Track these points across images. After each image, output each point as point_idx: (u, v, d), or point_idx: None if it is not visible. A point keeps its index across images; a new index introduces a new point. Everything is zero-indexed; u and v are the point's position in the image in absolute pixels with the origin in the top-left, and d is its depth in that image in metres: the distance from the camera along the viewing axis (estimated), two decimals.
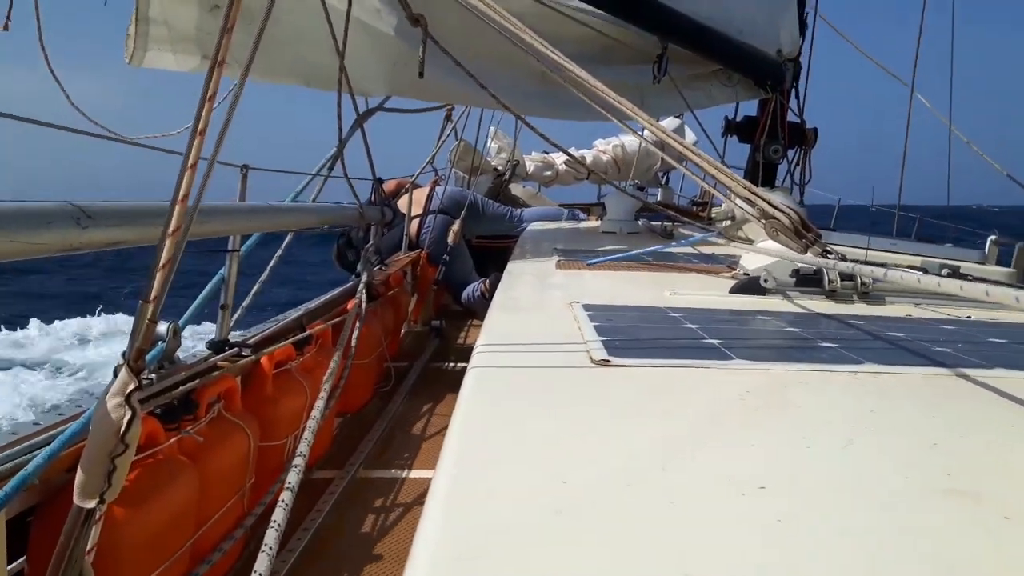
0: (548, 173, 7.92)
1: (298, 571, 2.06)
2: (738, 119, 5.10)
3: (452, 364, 4.24)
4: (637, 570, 0.60)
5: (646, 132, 2.23)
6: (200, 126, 1.16)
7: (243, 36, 1.43)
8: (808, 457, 0.85)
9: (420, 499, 2.48)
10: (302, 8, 2.92)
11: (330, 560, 2.14)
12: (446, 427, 1.02)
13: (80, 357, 13.27)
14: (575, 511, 0.71)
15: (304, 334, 2.72)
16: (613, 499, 0.74)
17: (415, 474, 2.78)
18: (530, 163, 7.80)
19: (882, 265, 3.08)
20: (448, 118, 6.15)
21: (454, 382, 1.26)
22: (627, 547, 0.64)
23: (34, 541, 1.42)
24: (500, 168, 7.33)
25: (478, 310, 5.15)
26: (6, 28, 2.83)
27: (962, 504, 0.73)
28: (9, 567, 1.33)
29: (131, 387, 1.08)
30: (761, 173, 4.77)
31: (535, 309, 2.08)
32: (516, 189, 7.77)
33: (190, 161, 1.17)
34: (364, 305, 3.14)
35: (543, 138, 2.99)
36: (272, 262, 2.97)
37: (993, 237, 4.23)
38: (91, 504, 1.08)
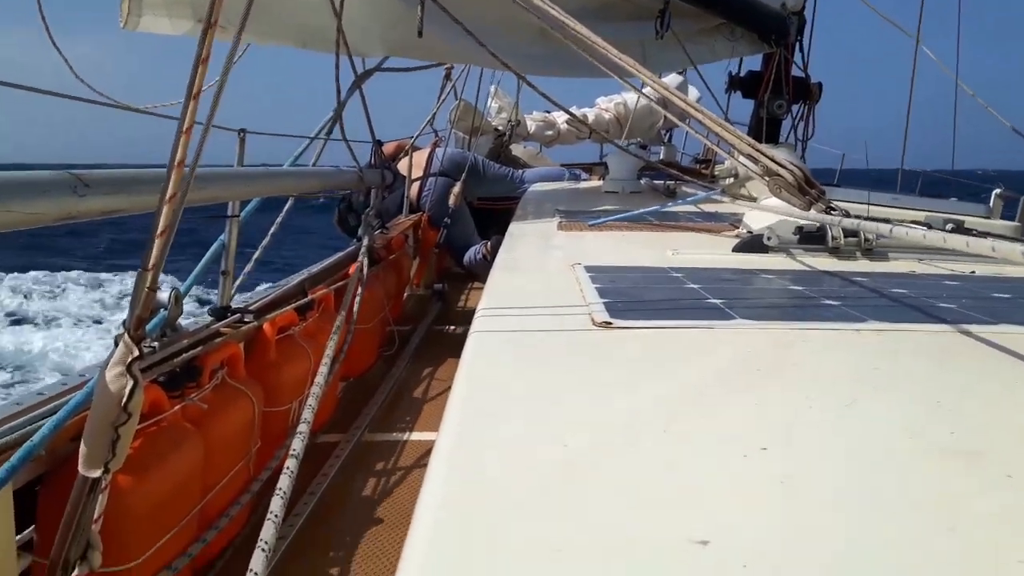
0: (550, 133, 7.84)
1: (305, 535, 2.08)
2: (742, 74, 5.03)
3: (455, 327, 4.25)
4: (638, 532, 0.60)
5: (648, 90, 2.20)
6: (194, 90, 1.13)
7: (236, 2, 1.40)
8: (811, 417, 0.84)
9: (425, 461, 2.50)
10: None
11: (336, 524, 2.16)
12: (449, 389, 1.02)
13: None
14: (576, 473, 0.71)
15: (306, 299, 2.71)
16: (614, 462, 0.73)
17: (419, 436, 2.80)
18: (531, 123, 7.72)
19: (886, 221, 3.07)
20: (447, 77, 6.07)
21: (457, 345, 1.26)
22: (628, 509, 0.64)
23: (42, 510, 1.43)
24: (501, 128, 7.25)
25: (480, 273, 5.14)
26: None
27: (965, 463, 0.72)
28: (18, 537, 1.34)
29: (132, 356, 1.08)
30: (765, 129, 4.71)
31: (537, 271, 2.07)
32: (517, 149, 7.70)
33: (185, 125, 1.15)
34: (366, 269, 3.13)
35: (544, 97, 2.96)
36: (273, 228, 2.95)
37: (998, 191, 4.19)
38: (96, 474, 1.08)
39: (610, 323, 1.23)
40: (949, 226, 3.05)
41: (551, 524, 0.62)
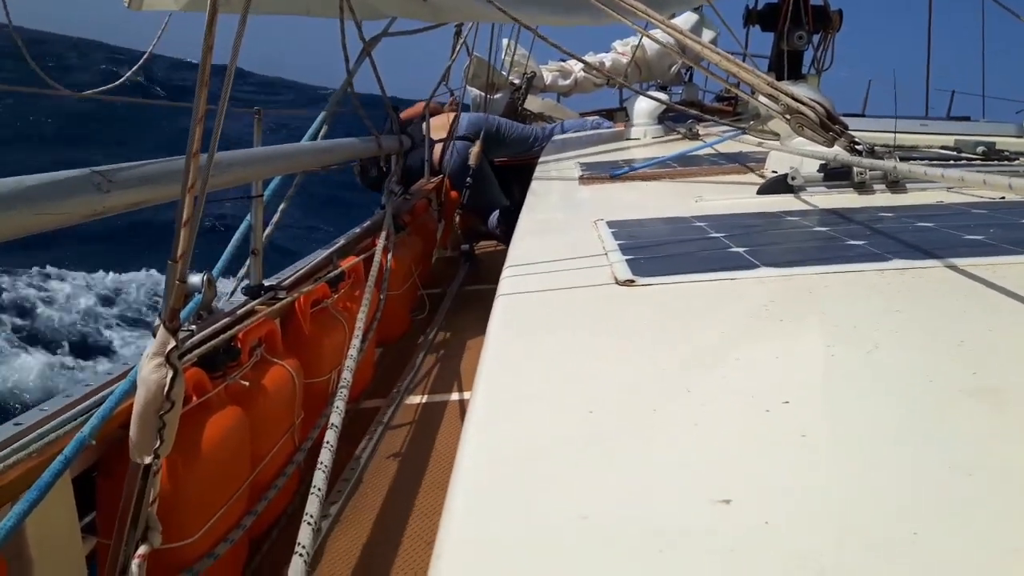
0: (566, 82, 7.72)
1: (353, 502, 2.14)
2: (759, 7, 4.91)
3: (485, 286, 4.27)
4: (660, 495, 0.62)
5: (662, 35, 2.16)
6: (204, 77, 1.15)
7: None
8: (832, 366, 0.85)
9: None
10: None
11: (383, 487, 2.22)
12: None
13: None
14: (601, 439, 0.72)
15: (337, 271, 2.75)
16: (638, 424, 0.75)
17: (457, 396, 2.85)
18: (547, 73, 7.60)
19: (912, 149, 3.00)
20: (458, 34, 5.99)
21: (488, 304, 1.28)
22: (651, 472, 0.66)
23: (101, 496, 1.50)
24: (517, 82, 7.15)
25: (501, 240, 5.15)
26: None
27: (986, 405, 0.72)
28: (81, 521, 1.41)
29: (170, 346, 1.12)
30: (786, 62, 4.61)
31: (560, 230, 2.07)
32: (534, 103, 7.59)
33: (199, 114, 1.17)
34: (392, 237, 3.16)
35: (556, 48, 2.92)
36: (282, 204, 2.95)
37: None
38: (147, 460, 1.13)
39: (633, 281, 1.24)
40: (980, 148, 2.99)
41: (577, 487, 0.64)
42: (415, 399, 2.87)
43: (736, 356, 0.91)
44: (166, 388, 1.09)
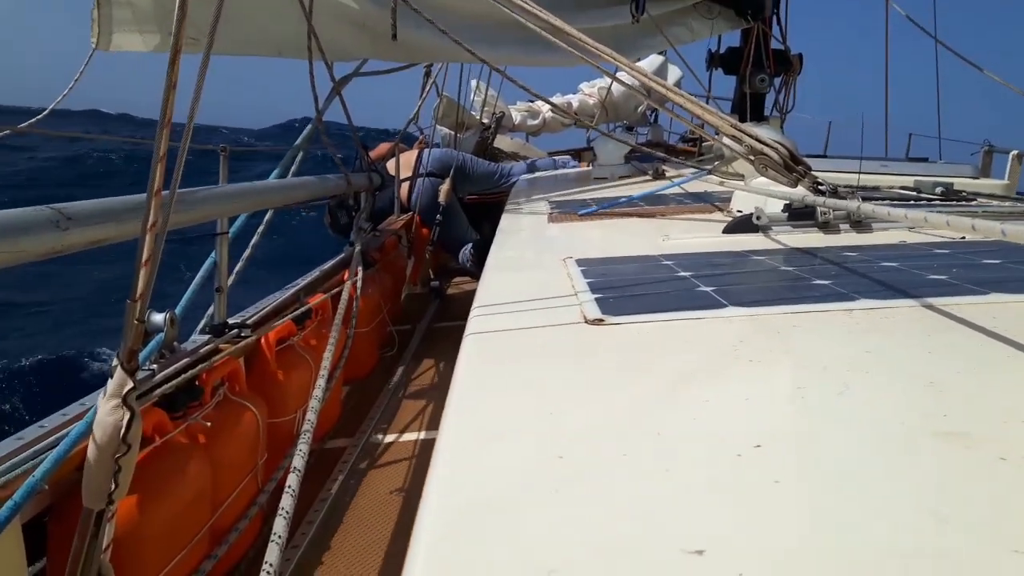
0: (535, 122, 7.82)
1: (316, 546, 2.09)
2: (721, 51, 5.02)
3: (454, 323, 4.25)
4: (632, 544, 0.60)
5: (627, 77, 2.19)
6: (166, 117, 1.13)
7: (207, 12, 1.39)
8: (803, 408, 0.84)
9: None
10: None
11: (348, 528, 2.17)
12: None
13: None
14: (570, 484, 0.71)
15: (304, 308, 2.72)
16: (609, 470, 0.73)
17: (426, 436, 2.81)
18: (516, 113, 7.69)
19: (874, 189, 3.06)
20: (427, 75, 6.05)
21: (457, 341, 1.26)
22: (622, 521, 0.64)
23: (52, 542, 1.44)
24: (486, 121, 7.23)
25: (472, 274, 5.15)
26: None
27: (958, 446, 0.72)
28: (30, 568, 1.35)
29: (127, 387, 1.08)
30: (749, 104, 4.70)
31: (529, 268, 2.07)
32: (503, 141, 7.67)
33: (160, 153, 1.15)
34: (361, 273, 3.14)
35: (524, 89, 2.95)
36: (254, 239, 2.94)
37: (985, 148, 4.18)
38: (100, 506, 1.09)
39: (602, 320, 1.23)
40: (939, 189, 3.07)
41: (545, 539, 0.62)
42: (382, 438, 2.83)
43: (706, 397, 0.91)
44: (122, 431, 1.06)
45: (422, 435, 2.83)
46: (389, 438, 2.83)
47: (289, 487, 1.45)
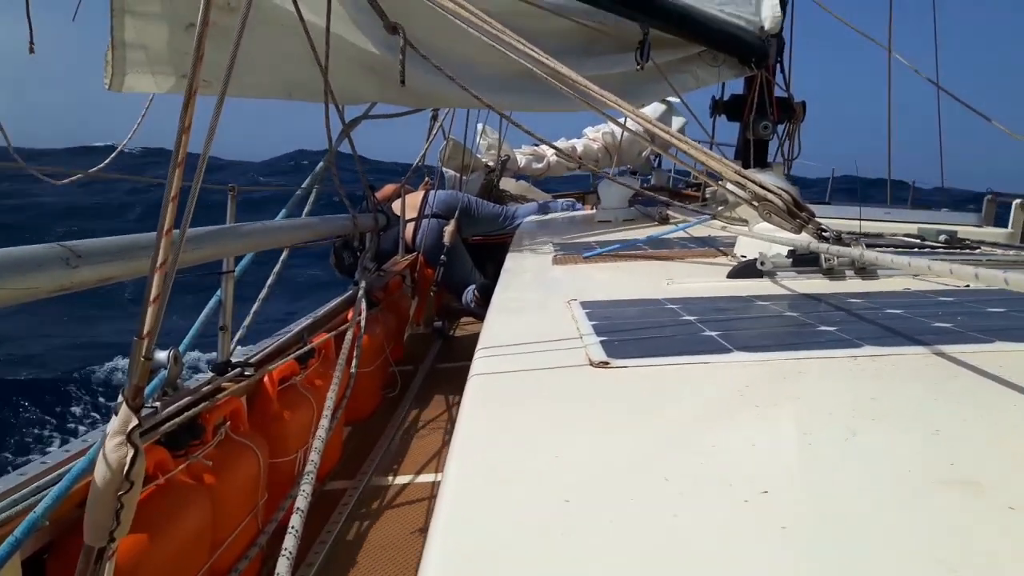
0: (539, 166, 7.90)
1: None
2: (725, 98, 5.08)
3: (458, 364, 4.24)
4: None
5: (632, 123, 2.22)
6: (179, 158, 1.15)
7: (220, 55, 1.42)
8: (810, 454, 0.84)
9: (433, 505, 2.50)
10: (279, 24, 2.90)
11: (348, 572, 2.15)
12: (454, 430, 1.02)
13: None
14: (578, 531, 0.70)
15: (306, 347, 2.72)
16: (616, 516, 0.73)
17: (427, 479, 2.79)
18: (521, 157, 7.77)
19: (878, 236, 3.08)
20: (434, 118, 6.13)
21: (460, 382, 1.26)
22: (633, 567, 0.64)
23: None
24: (491, 164, 7.31)
25: (476, 315, 5.16)
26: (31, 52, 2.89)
27: (966, 495, 0.72)
28: None
29: (131, 424, 1.08)
30: (752, 150, 4.75)
31: (533, 310, 2.07)
32: (508, 184, 7.74)
33: (172, 193, 1.16)
34: (364, 313, 3.14)
35: (529, 134, 2.98)
36: (271, 279, 2.97)
37: (989, 196, 4.20)
38: (101, 544, 1.08)
39: (607, 363, 1.23)
40: (942, 237, 3.08)
41: None
42: (384, 480, 2.81)
43: (712, 443, 0.90)
44: (126, 468, 1.05)
45: (425, 478, 2.81)
46: (391, 480, 2.81)
47: (292, 527, 1.44)
